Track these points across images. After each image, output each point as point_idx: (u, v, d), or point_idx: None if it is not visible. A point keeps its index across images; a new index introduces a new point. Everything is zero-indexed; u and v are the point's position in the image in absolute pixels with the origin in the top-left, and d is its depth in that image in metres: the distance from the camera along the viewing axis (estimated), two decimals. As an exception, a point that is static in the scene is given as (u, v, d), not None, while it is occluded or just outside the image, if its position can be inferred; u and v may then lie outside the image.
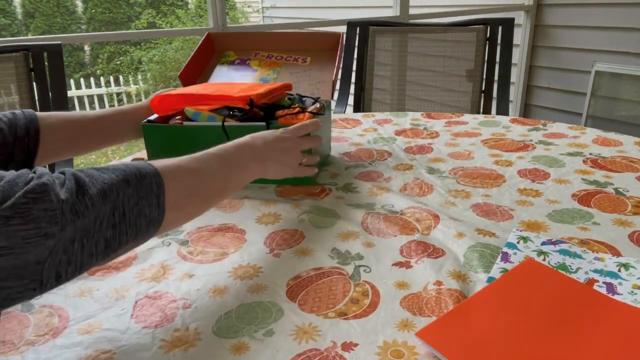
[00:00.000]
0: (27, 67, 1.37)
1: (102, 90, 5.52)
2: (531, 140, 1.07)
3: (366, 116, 1.30)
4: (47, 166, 1.38)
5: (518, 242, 0.64)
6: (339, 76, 1.90)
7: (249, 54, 1.13)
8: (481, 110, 1.85)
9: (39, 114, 0.71)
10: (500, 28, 1.81)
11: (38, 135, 0.69)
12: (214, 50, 1.15)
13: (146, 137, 0.87)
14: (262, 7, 6.15)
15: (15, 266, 0.38)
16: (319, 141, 0.80)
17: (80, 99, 5.42)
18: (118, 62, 6.18)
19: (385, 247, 0.66)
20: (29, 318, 0.54)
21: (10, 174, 0.41)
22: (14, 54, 1.35)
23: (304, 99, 0.97)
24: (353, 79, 1.93)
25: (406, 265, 0.61)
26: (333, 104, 1.06)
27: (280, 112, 0.85)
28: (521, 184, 0.85)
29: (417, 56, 1.92)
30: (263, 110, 0.87)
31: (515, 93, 2.96)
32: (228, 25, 2.08)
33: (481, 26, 1.82)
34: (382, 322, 0.51)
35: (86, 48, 6.72)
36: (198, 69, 1.10)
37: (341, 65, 1.94)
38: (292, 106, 0.88)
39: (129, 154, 1.24)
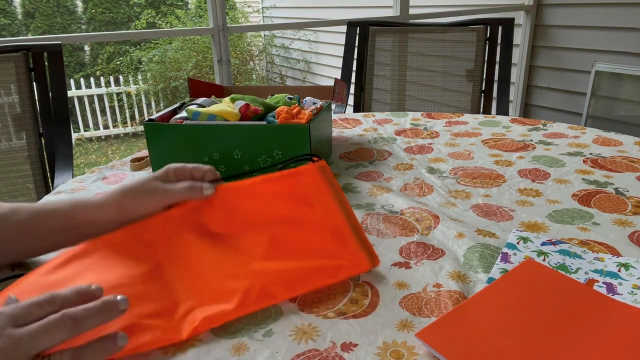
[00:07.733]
0: (27, 67, 1.37)
1: (102, 90, 5.52)
2: (531, 140, 1.07)
3: (366, 116, 1.30)
4: (48, 179, 1.37)
5: (518, 243, 0.64)
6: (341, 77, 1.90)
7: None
8: (481, 110, 1.85)
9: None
10: (500, 28, 1.81)
11: None
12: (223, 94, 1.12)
13: (148, 136, 0.87)
14: (262, 7, 6.15)
15: None
16: None
17: (80, 99, 5.43)
18: (118, 62, 6.18)
19: (385, 247, 0.65)
20: None
21: None
22: (14, 54, 1.35)
23: (304, 100, 0.97)
24: (353, 79, 1.93)
25: (406, 265, 0.61)
26: (333, 104, 1.06)
27: (279, 110, 0.85)
28: (521, 183, 0.85)
29: (417, 56, 1.92)
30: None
31: (515, 93, 2.96)
32: (228, 25, 2.08)
33: (481, 26, 1.82)
34: (382, 323, 0.51)
35: (86, 48, 6.71)
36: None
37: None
38: (292, 106, 0.88)
39: (129, 154, 1.24)
